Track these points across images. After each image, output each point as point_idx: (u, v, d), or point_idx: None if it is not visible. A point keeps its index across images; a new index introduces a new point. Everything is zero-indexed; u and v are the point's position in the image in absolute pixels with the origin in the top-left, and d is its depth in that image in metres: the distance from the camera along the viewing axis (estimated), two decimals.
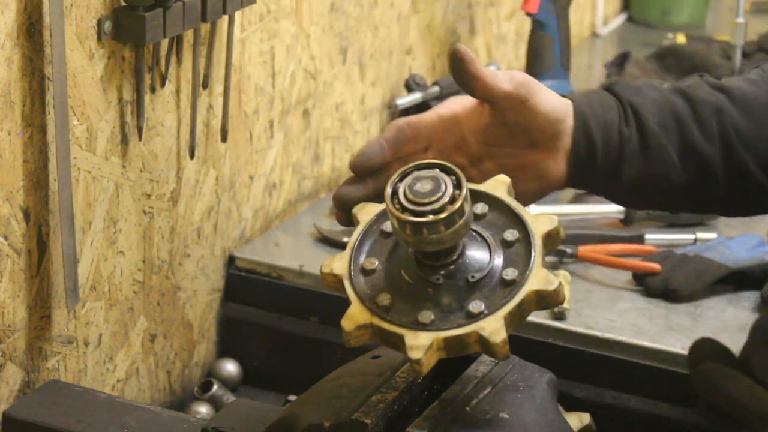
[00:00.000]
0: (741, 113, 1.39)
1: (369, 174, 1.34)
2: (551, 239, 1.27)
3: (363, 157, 1.33)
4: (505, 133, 1.36)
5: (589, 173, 1.37)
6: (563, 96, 1.37)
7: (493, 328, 1.21)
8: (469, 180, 1.27)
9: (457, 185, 1.23)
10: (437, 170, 1.24)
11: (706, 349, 1.26)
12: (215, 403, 1.87)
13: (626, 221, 2.14)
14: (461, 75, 1.32)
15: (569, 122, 1.36)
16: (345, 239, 1.99)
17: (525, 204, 1.33)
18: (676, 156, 1.37)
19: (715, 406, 1.18)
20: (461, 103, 1.37)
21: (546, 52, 2.45)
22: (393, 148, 1.34)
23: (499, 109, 1.35)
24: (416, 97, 2.31)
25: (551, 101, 1.35)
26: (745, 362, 1.21)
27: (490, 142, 1.37)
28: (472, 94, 1.35)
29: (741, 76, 1.46)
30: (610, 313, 1.85)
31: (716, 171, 1.38)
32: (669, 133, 1.37)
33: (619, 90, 1.39)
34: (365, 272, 1.28)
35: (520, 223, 1.27)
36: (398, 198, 1.23)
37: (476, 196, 1.29)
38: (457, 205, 1.21)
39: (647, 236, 2.06)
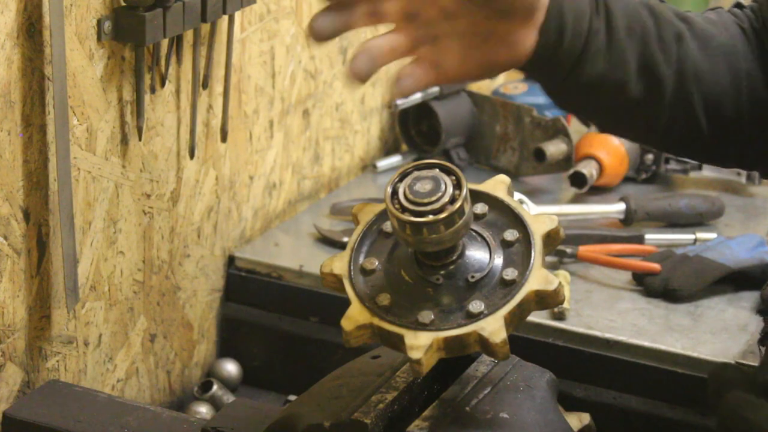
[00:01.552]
0: (698, 47, 1.39)
1: (340, 6, 1.29)
2: (551, 239, 1.27)
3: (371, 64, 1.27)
4: None
5: (553, 58, 1.33)
6: None
7: (493, 328, 1.21)
8: (436, 39, 1.24)
9: (457, 185, 1.23)
10: (437, 170, 1.24)
11: (728, 376, 1.25)
12: (215, 403, 1.87)
13: (626, 221, 2.14)
14: None
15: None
16: (345, 239, 1.99)
17: (490, 75, 1.30)
18: (635, 65, 1.36)
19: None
20: None
21: None
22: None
23: None
24: (416, 97, 2.31)
25: None
26: (765, 386, 1.21)
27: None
28: None
29: (699, 14, 1.45)
30: (610, 313, 1.85)
31: (666, 94, 1.38)
32: (633, 40, 1.35)
33: None
34: (365, 272, 1.28)
35: (520, 223, 1.28)
36: (398, 198, 1.23)
37: (476, 196, 1.29)
38: (457, 205, 1.21)
39: (647, 236, 2.06)
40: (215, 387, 1.88)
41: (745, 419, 1.15)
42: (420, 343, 1.21)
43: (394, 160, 2.36)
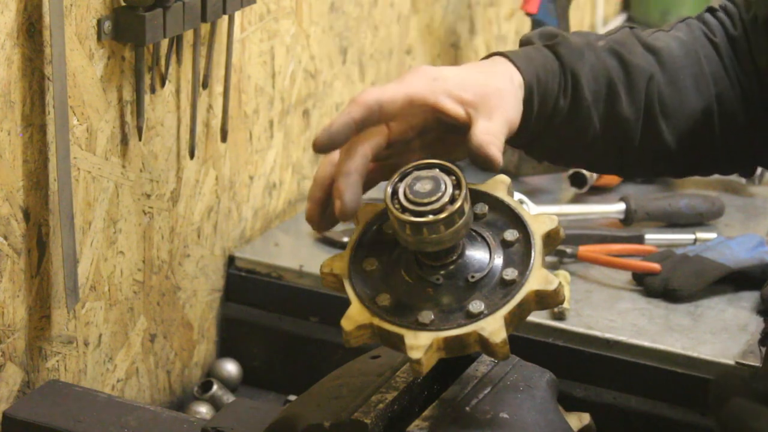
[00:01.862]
0: (667, 81, 1.42)
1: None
2: (551, 239, 1.27)
3: (330, 141, 1.26)
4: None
5: (515, 138, 1.35)
6: (514, 65, 1.34)
7: (493, 328, 1.21)
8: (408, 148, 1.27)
9: (457, 185, 1.22)
10: (437, 170, 1.24)
11: (730, 383, 1.25)
12: (215, 403, 1.87)
13: (626, 221, 2.14)
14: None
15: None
16: (345, 239, 1.99)
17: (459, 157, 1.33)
18: (600, 126, 1.39)
19: None
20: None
21: None
22: (359, 129, 1.27)
23: None
24: None
25: (514, 110, 1.31)
26: (765, 393, 1.20)
27: (450, 127, 1.32)
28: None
29: (670, 30, 1.47)
30: (610, 313, 1.85)
31: (634, 137, 1.41)
32: (599, 104, 1.39)
33: (563, 53, 1.38)
34: (365, 272, 1.28)
35: (520, 223, 1.27)
36: (398, 198, 1.22)
37: (476, 196, 1.29)
38: (457, 205, 1.21)
39: (647, 236, 2.06)
40: (215, 387, 1.88)
41: (746, 427, 1.15)
42: (420, 343, 1.21)
43: None
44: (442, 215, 1.21)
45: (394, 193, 1.23)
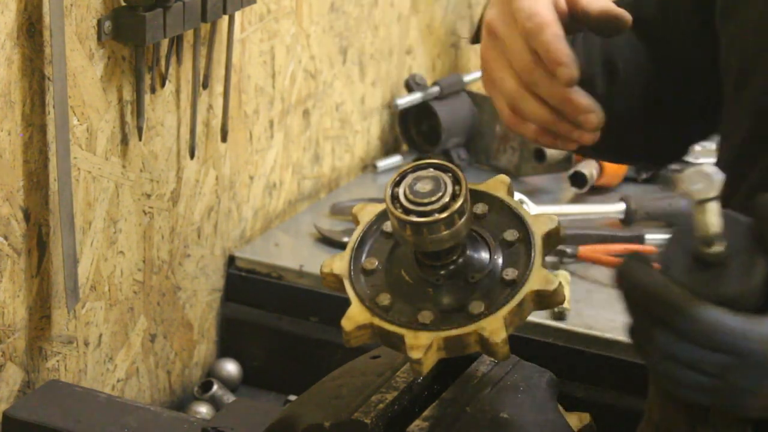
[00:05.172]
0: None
1: None
2: (551, 239, 1.27)
3: (573, 67, 1.24)
4: None
5: None
6: None
7: (493, 328, 1.21)
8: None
9: (457, 185, 1.22)
10: (437, 170, 1.24)
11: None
12: (215, 403, 1.87)
13: (626, 221, 2.14)
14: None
15: None
16: (345, 239, 1.99)
17: None
18: (600, 60, 1.39)
19: (630, 297, 1.15)
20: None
21: None
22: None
23: None
24: (416, 97, 2.31)
25: None
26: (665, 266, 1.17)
27: None
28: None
29: None
30: (610, 313, 1.85)
31: (633, 91, 1.41)
32: (593, 38, 1.38)
33: None
34: (365, 272, 1.28)
35: (520, 223, 1.27)
36: (398, 198, 1.23)
37: (476, 196, 1.29)
38: (457, 205, 1.21)
39: (647, 236, 2.06)
40: (215, 387, 1.88)
41: (632, 278, 1.10)
42: (420, 343, 1.21)
43: (394, 160, 2.36)
44: (443, 215, 1.21)
45: (395, 193, 1.23)
